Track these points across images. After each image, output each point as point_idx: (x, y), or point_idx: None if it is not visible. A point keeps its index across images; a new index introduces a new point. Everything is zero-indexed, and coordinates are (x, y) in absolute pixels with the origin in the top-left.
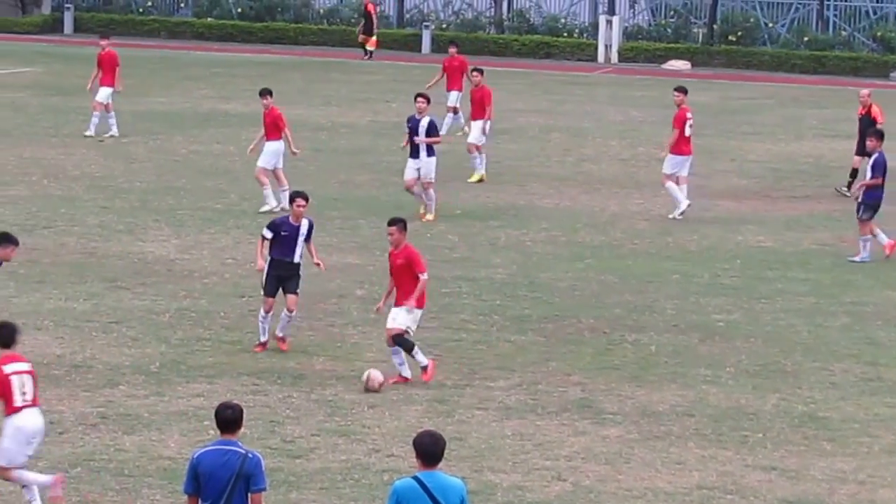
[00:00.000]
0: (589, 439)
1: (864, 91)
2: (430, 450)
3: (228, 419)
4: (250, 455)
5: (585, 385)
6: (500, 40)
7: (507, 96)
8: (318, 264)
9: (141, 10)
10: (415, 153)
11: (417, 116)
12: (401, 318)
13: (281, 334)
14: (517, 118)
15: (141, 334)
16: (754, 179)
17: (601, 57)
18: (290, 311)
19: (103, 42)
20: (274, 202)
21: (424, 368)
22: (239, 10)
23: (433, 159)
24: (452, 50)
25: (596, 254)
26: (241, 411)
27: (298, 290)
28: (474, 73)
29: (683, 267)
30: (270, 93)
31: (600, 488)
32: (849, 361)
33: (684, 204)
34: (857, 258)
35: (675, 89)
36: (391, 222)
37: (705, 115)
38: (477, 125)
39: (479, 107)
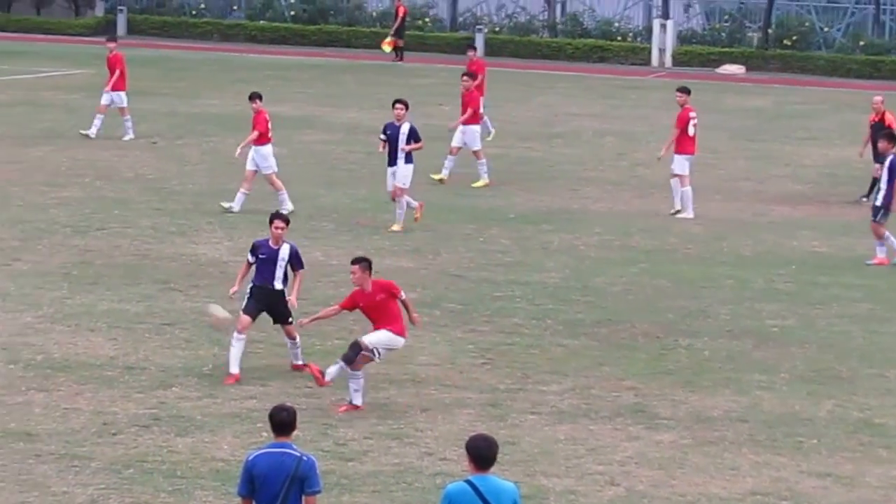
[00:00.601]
0: (642, 444)
1: (878, 97)
2: (483, 453)
3: (283, 421)
4: (305, 458)
5: (639, 390)
6: (554, 44)
7: (560, 100)
8: (290, 300)
9: (194, 12)
10: (393, 161)
11: (396, 123)
12: (376, 338)
13: (299, 362)
14: (571, 122)
15: (194, 336)
16: (809, 185)
17: (655, 61)
18: (293, 338)
19: (110, 45)
20: (290, 205)
21: (322, 374)
22: (292, 12)
23: (410, 166)
24: (471, 53)
25: (650, 258)
26: (295, 414)
27: (293, 319)
28: (464, 78)
29: (738, 272)
30: (260, 97)
31: (654, 493)
32: None
33: (681, 207)
34: None
35: (678, 90)
36: (354, 261)
37: (760, 120)
38: (471, 129)
39: (466, 110)
